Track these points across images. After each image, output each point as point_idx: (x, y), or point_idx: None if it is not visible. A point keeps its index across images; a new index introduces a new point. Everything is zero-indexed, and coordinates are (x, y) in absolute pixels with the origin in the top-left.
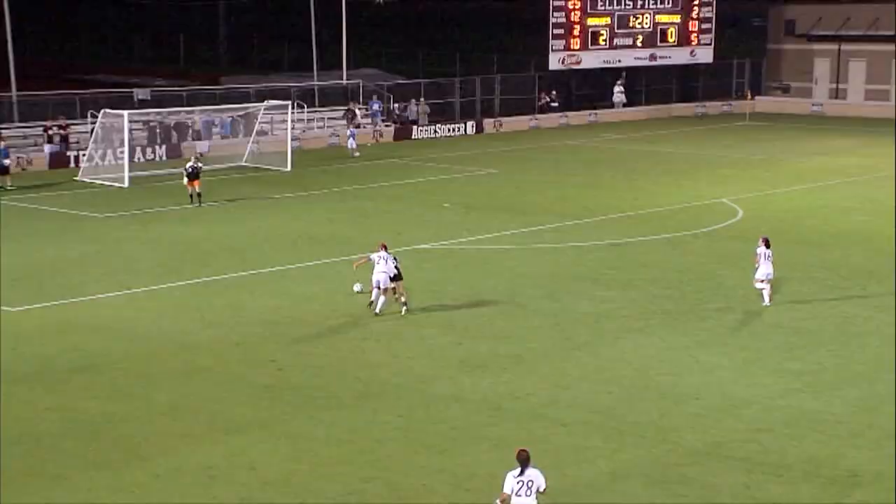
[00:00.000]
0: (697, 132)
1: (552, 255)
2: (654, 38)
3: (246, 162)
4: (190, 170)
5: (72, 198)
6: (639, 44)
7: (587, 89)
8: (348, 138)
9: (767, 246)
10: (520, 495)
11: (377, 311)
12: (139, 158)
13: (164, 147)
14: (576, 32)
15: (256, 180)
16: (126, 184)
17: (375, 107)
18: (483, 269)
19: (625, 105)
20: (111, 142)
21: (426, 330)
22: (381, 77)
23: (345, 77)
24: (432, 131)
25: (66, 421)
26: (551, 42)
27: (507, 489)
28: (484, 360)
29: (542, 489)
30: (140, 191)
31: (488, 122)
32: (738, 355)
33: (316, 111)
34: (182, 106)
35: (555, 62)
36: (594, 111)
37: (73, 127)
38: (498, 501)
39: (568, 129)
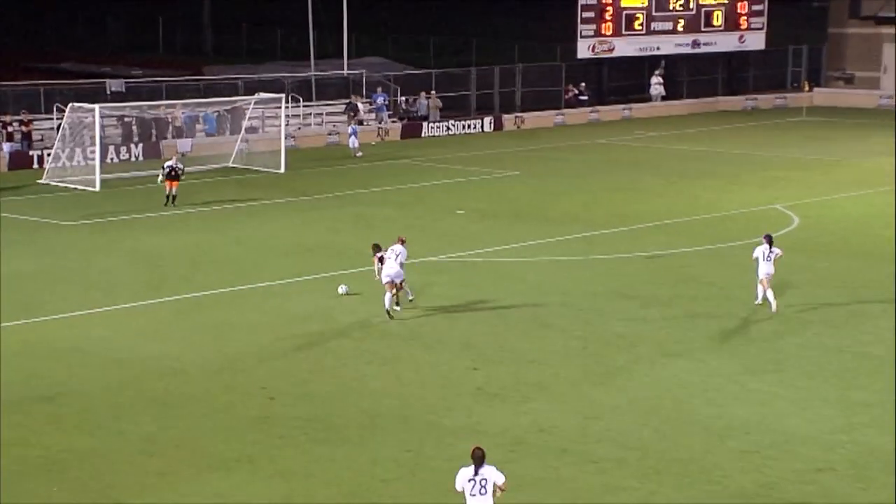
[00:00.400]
0: (747, 129)
1: (581, 268)
2: (698, 21)
3: (234, 163)
4: (168, 169)
5: (35, 203)
6: (680, 28)
7: (621, 80)
8: (349, 136)
9: (770, 244)
10: (474, 495)
11: (398, 308)
12: (112, 159)
13: (140, 146)
14: (608, 16)
15: (246, 183)
16: (97, 187)
17: (380, 100)
18: (502, 285)
19: (663, 98)
20: (80, 140)
21: (437, 353)
22: (388, 66)
23: (346, 67)
24: (444, 128)
25: (26, 458)
26: (580, 27)
27: (458, 487)
28: (503, 387)
29: (500, 483)
30: (113, 195)
31: (508, 118)
32: (793, 383)
33: (313, 105)
34: (161, 99)
35: (584, 50)
36: (628, 106)
37: (36, 123)
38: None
39: (598, 125)
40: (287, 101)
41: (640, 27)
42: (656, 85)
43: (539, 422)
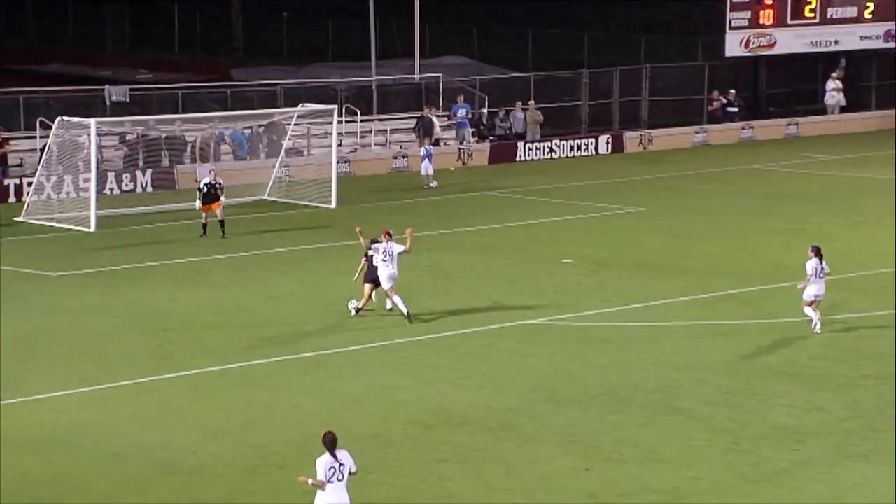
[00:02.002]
0: None
1: (729, 336)
2: (891, 6)
3: (271, 195)
4: (206, 188)
5: (12, 248)
6: (868, 15)
7: (784, 86)
8: (422, 160)
9: (820, 258)
10: (332, 481)
11: (404, 310)
12: (112, 189)
13: (149, 173)
14: (768, 1)
15: (285, 221)
16: (92, 227)
17: (462, 113)
18: (623, 358)
19: (842, 110)
20: (71, 165)
21: (535, 448)
22: (471, 69)
23: (417, 69)
24: (546, 150)
25: None
26: (729, 15)
27: (321, 476)
28: (625, 493)
29: (353, 471)
30: (113, 237)
31: (632, 136)
32: None
33: (374, 120)
34: (176, 112)
35: (734, 45)
36: (794, 120)
37: (13, 142)
38: (310, 481)
39: (753, 146)
40: (340, 115)
41: (811, 14)
42: (833, 92)
43: None
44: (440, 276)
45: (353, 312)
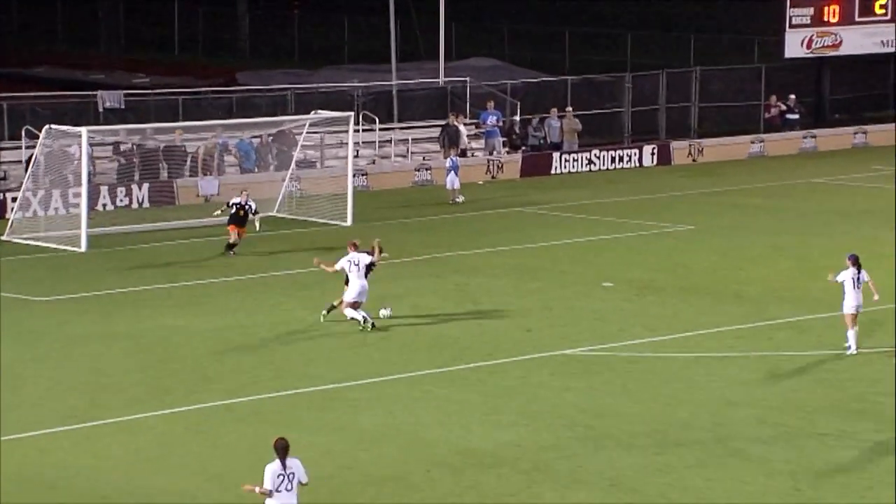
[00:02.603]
0: None
1: (788, 369)
2: None
3: (280, 211)
4: (234, 208)
5: None
6: None
7: (850, 91)
8: (447, 173)
9: (859, 268)
10: (280, 490)
11: (371, 323)
12: (106, 205)
13: (146, 187)
14: None
15: (296, 241)
16: (83, 247)
17: (492, 121)
18: (669, 392)
19: None
20: (60, 178)
21: (574, 493)
22: (502, 72)
23: (442, 73)
24: (585, 161)
25: None
26: (790, 12)
27: (268, 484)
28: None
29: (303, 481)
30: (106, 258)
31: (679, 147)
32: None
33: (394, 129)
34: (176, 119)
35: (795, 45)
36: (862, 128)
37: None
38: (256, 489)
39: (816, 157)
40: (357, 123)
41: (882, 11)
42: None
43: None
44: (466, 300)
45: (385, 314)
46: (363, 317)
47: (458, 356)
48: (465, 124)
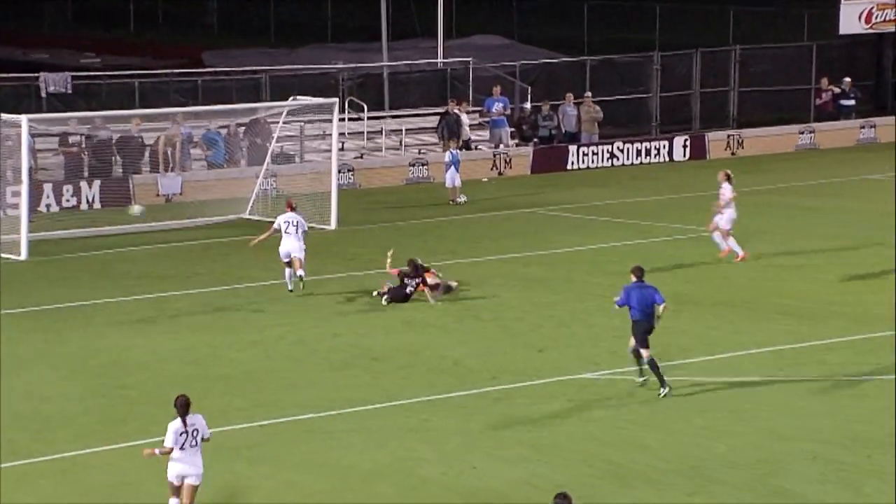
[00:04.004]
0: None
1: (844, 396)
2: None
3: (253, 213)
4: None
5: None
6: None
7: None
8: (447, 168)
9: None
10: (184, 448)
11: (291, 288)
12: (50, 206)
13: (96, 184)
14: None
15: (272, 246)
16: (23, 254)
17: (498, 108)
18: (706, 423)
19: None
20: None
21: None
22: (509, 52)
23: (440, 53)
24: (606, 155)
25: None
26: None
27: (169, 442)
28: None
29: (206, 437)
30: (51, 267)
31: (716, 138)
32: None
33: (385, 118)
34: (132, 106)
35: (852, 20)
36: None
37: None
38: (156, 451)
39: (875, 149)
40: (343, 111)
41: None
42: None
43: None
44: (469, 315)
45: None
46: (298, 276)
47: (459, 381)
48: (467, 112)
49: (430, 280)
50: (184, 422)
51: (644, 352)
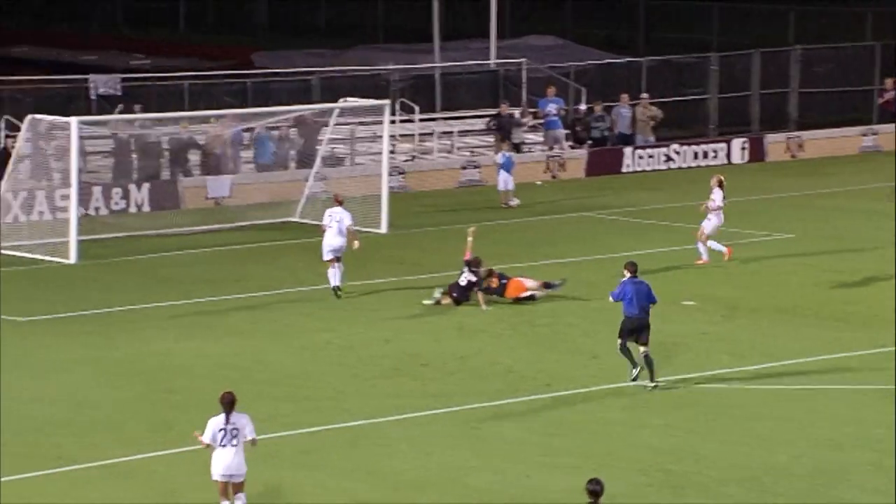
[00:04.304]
0: None
1: None
2: None
3: (302, 216)
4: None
5: None
6: None
7: None
8: (499, 171)
9: None
10: (224, 445)
11: (338, 285)
12: (99, 209)
13: (146, 187)
14: None
15: (320, 251)
16: (73, 258)
17: (551, 108)
18: (762, 432)
19: None
20: (45, 176)
21: None
22: (564, 52)
23: (493, 54)
24: (662, 158)
25: None
26: None
27: (206, 438)
28: None
29: (249, 438)
30: (99, 271)
31: (775, 141)
32: None
33: (437, 119)
34: (182, 108)
35: None
36: None
37: None
38: (200, 437)
39: None
40: (394, 113)
41: None
42: None
43: None
44: (522, 321)
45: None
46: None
47: (511, 387)
48: (520, 113)
49: (494, 284)
50: (227, 418)
51: (642, 347)
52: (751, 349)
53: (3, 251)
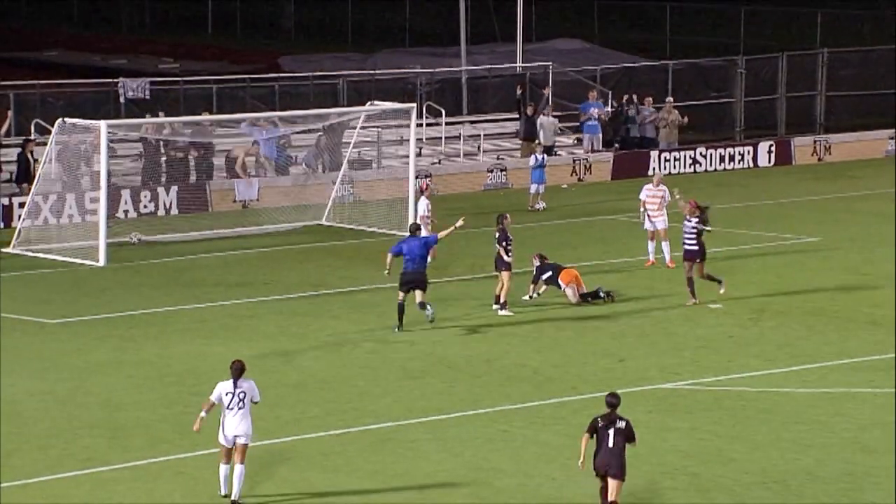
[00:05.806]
0: None
1: None
2: None
3: (329, 220)
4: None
5: None
6: None
7: None
8: (533, 171)
9: None
10: (231, 408)
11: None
12: (128, 212)
13: (174, 190)
14: None
15: (347, 254)
16: (102, 260)
17: (593, 112)
18: (790, 435)
19: None
20: (74, 180)
21: None
22: (590, 55)
23: (519, 57)
24: (688, 161)
25: None
26: None
27: (213, 397)
28: None
29: (256, 400)
30: (128, 274)
31: (803, 143)
32: None
33: (463, 122)
34: (210, 111)
35: None
36: None
37: (2, 151)
38: (202, 413)
39: None
40: (420, 116)
41: None
42: None
43: None
44: (548, 324)
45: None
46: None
47: (537, 390)
48: (547, 114)
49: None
50: (235, 383)
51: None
52: (778, 352)
53: (33, 254)
